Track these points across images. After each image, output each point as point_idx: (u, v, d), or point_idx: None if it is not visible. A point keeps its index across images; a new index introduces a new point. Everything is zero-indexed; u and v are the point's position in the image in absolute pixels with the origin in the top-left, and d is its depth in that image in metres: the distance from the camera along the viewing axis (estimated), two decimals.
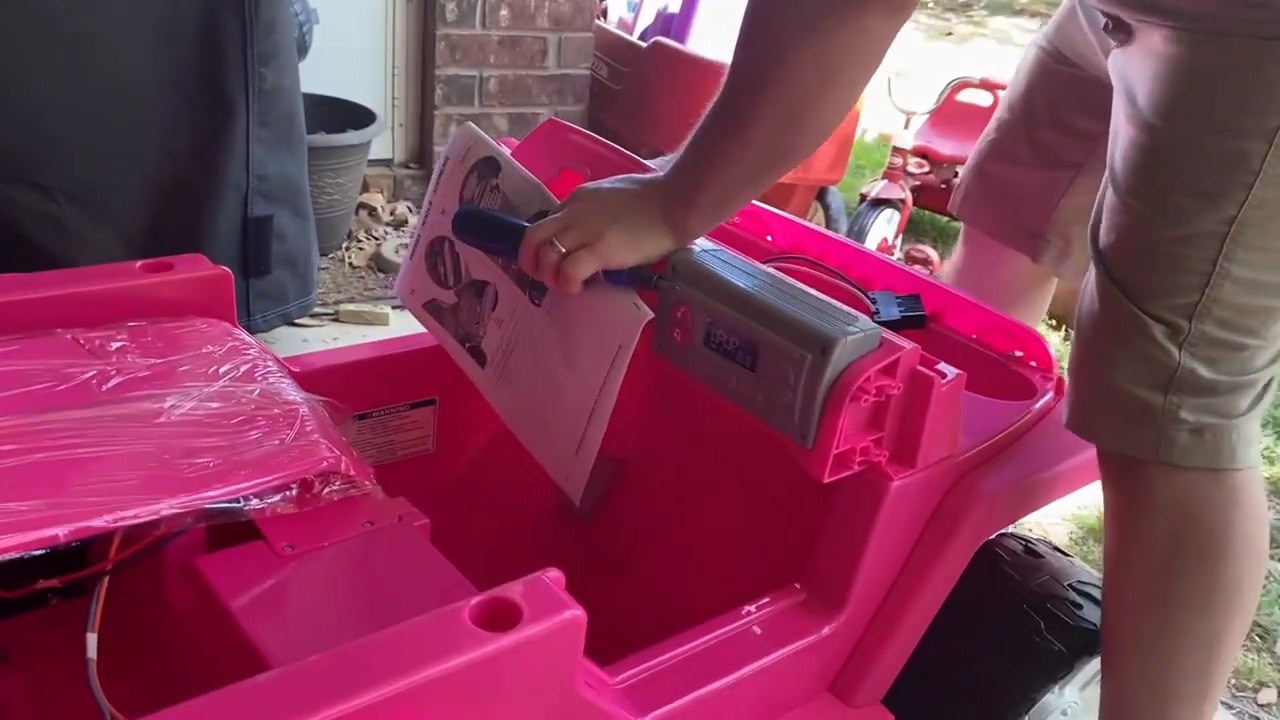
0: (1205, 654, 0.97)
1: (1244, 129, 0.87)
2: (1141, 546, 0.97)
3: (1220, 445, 0.92)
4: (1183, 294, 0.91)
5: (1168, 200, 0.91)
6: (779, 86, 0.88)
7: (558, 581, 0.78)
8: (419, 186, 2.92)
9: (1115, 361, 0.95)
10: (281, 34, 1.64)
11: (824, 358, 0.89)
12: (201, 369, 1.04)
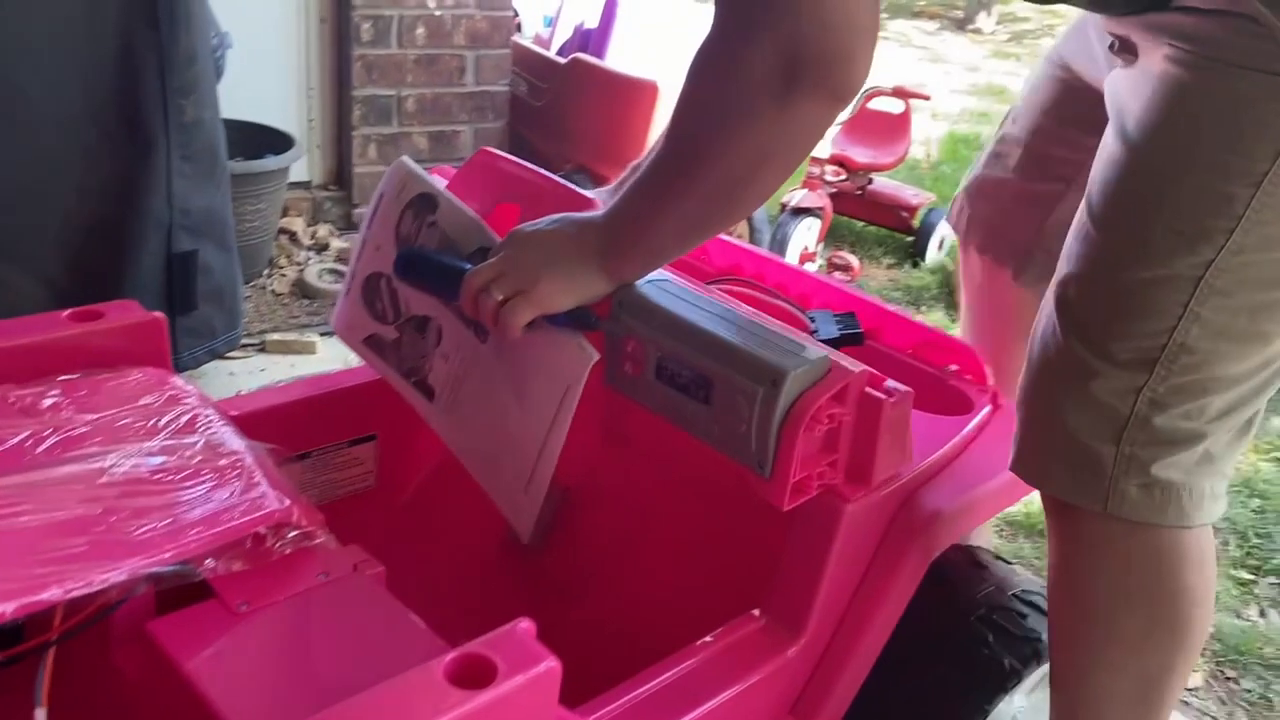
0: (1144, 690, 0.98)
1: (1232, 168, 0.84)
2: (1080, 585, 0.98)
3: (1168, 502, 0.91)
4: (1148, 337, 0.88)
5: (1145, 237, 0.88)
6: (716, 162, 0.87)
7: (529, 632, 0.77)
8: (339, 209, 2.87)
9: (1066, 407, 0.93)
10: (201, 65, 1.60)
11: (775, 390, 0.90)
12: (141, 422, 1.01)
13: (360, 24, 2.68)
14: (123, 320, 1.13)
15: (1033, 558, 1.93)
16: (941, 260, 3.29)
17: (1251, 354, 0.89)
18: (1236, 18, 0.82)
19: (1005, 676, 1.10)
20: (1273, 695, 1.66)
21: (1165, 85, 0.88)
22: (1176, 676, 0.99)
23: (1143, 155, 0.89)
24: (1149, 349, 0.88)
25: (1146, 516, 0.92)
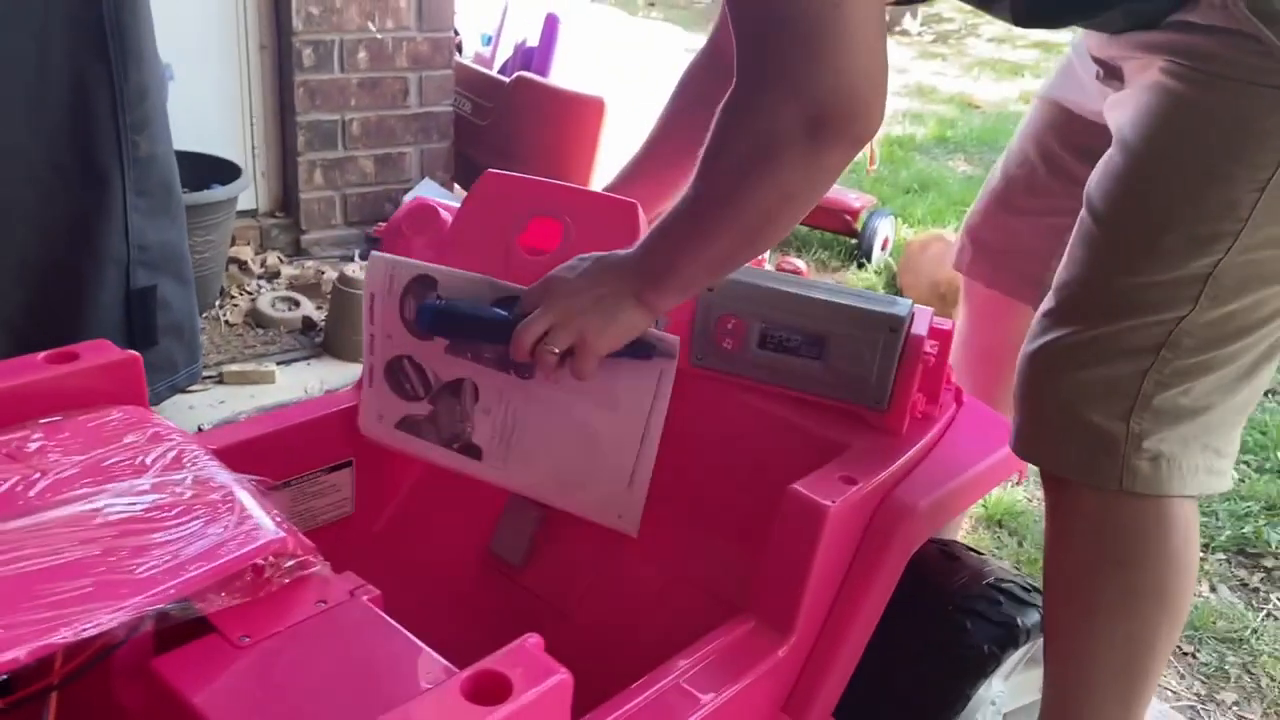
0: (1126, 656, 1.03)
1: (1237, 177, 0.90)
2: (1066, 553, 1.04)
3: (1172, 474, 0.97)
4: (1156, 327, 0.94)
5: (1157, 243, 0.94)
6: (745, 206, 0.92)
7: (539, 646, 0.80)
8: (287, 235, 2.86)
9: (1077, 393, 0.98)
10: (153, 100, 1.59)
11: (894, 335, 1.10)
12: (128, 461, 1.01)
13: (301, 50, 2.67)
14: (98, 360, 1.13)
15: (993, 547, 1.98)
16: (885, 260, 3.36)
17: (1247, 337, 0.95)
18: (1235, 35, 0.87)
19: (985, 662, 1.14)
20: (1228, 666, 1.73)
21: (1164, 97, 0.93)
22: (1159, 650, 1.04)
23: (1148, 165, 0.94)
24: (1156, 335, 0.94)
25: (1152, 488, 0.98)
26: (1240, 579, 1.96)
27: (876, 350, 1.11)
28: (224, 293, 2.53)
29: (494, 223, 1.25)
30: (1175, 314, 0.94)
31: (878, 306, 1.13)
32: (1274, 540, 2.05)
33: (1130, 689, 1.05)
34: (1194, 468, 0.99)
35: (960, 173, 4.59)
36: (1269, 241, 0.91)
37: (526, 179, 1.31)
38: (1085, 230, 1.00)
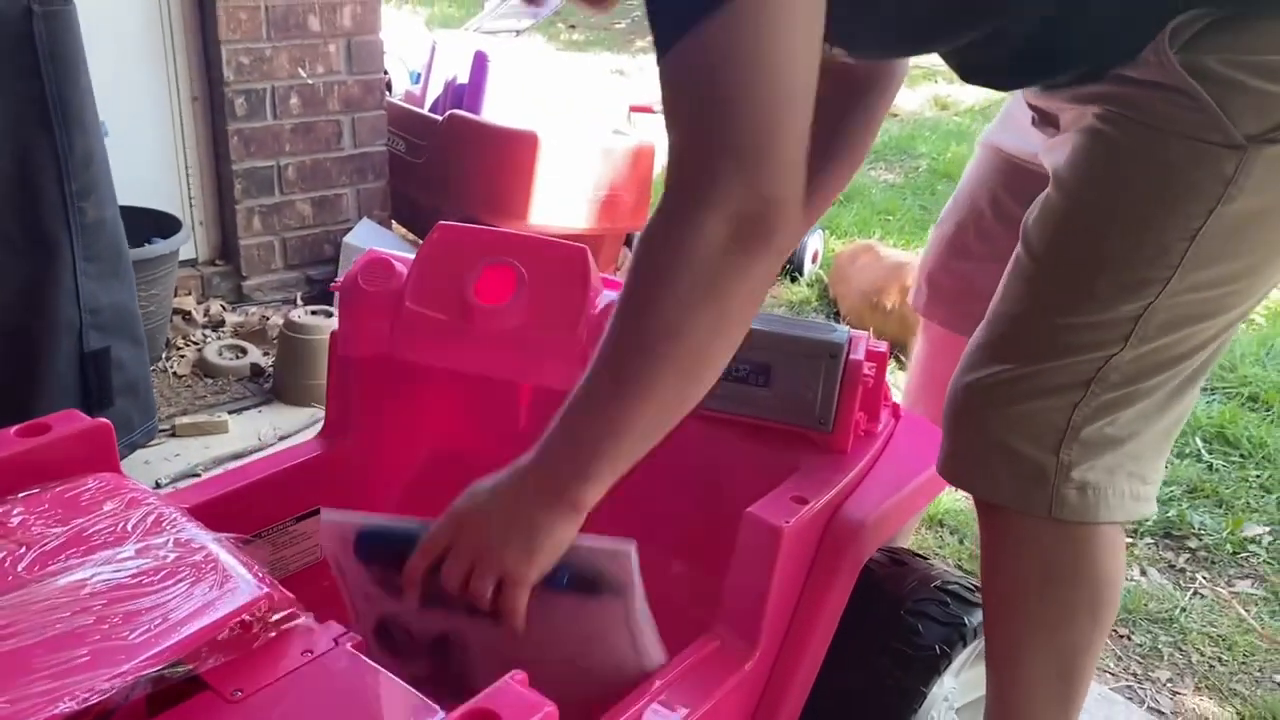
0: (1062, 664, 1.10)
1: (1170, 226, 0.93)
2: (1010, 575, 1.09)
3: (1099, 503, 1.02)
4: (1086, 364, 0.98)
5: (1090, 287, 0.96)
6: (676, 339, 0.86)
7: (523, 682, 0.85)
8: (228, 283, 2.87)
9: (1009, 425, 1.01)
10: (98, 165, 1.61)
11: (835, 360, 1.18)
12: (109, 529, 1.04)
13: (233, 99, 2.69)
14: (69, 430, 1.16)
15: (936, 546, 2.07)
16: (816, 273, 3.46)
17: (1168, 371, 1.00)
18: (1169, 90, 0.91)
19: (937, 660, 1.21)
20: (1161, 645, 1.83)
21: (1099, 141, 0.96)
22: (1093, 652, 1.11)
23: (1084, 209, 0.98)
24: (1086, 372, 0.98)
25: (1080, 516, 1.02)
26: (1168, 561, 2.07)
27: (819, 376, 1.19)
28: (170, 344, 2.54)
29: (448, 273, 1.30)
30: (1106, 353, 0.97)
31: (818, 334, 1.20)
32: (1196, 522, 2.17)
33: (1066, 691, 1.12)
34: (1120, 495, 1.03)
35: (883, 181, 4.72)
36: (1195, 286, 0.95)
37: (478, 229, 1.36)
38: (1022, 267, 1.03)
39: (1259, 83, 0.88)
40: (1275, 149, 0.90)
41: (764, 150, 0.82)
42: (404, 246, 3.04)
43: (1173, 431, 1.07)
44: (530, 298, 1.27)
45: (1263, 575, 2.03)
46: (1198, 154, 0.91)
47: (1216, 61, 0.89)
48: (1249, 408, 2.67)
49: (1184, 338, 0.98)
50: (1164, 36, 0.89)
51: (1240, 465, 2.40)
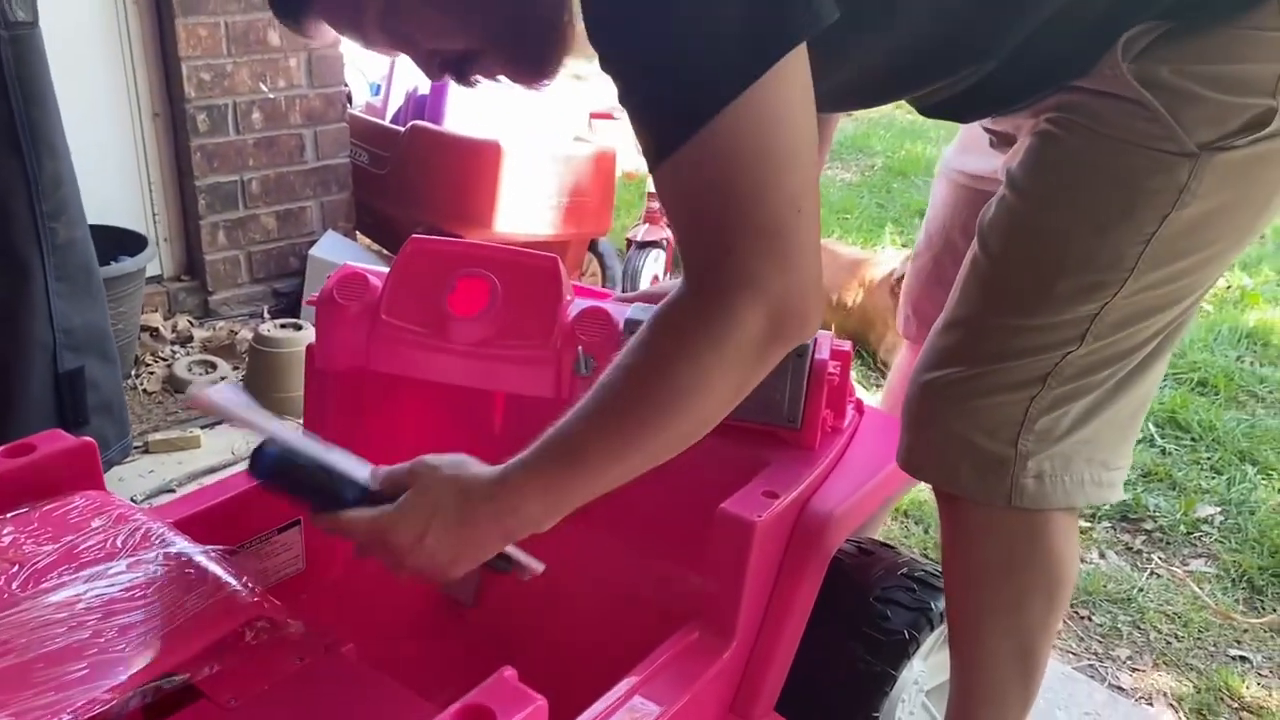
0: (1022, 645, 1.15)
1: (1125, 231, 0.96)
2: (970, 561, 1.13)
3: (1055, 490, 1.06)
4: (1043, 362, 1.01)
5: (1049, 289, 0.99)
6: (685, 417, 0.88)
7: (514, 677, 0.88)
8: (194, 298, 2.87)
9: (970, 419, 1.04)
10: (68, 187, 1.63)
11: (801, 360, 1.22)
12: (99, 545, 1.06)
13: (195, 115, 2.69)
14: (54, 449, 1.18)
15: (902, 535, 2.13)
16: None
17: (1118, 364, 1.04)
18: (1123, 100, 0.94)
19: (905, 644, 1.26)
20: (1120, 625, 1.90)
21: (1052, 143, 0.98)
22: (1050, 632, 1.16)
23: (1041, 212, 1.00)
24: (1044, 368, 1.02)
25: (1038, 504, 1.06)
26: (1125, 543, 2.14)
27: (786, 375, 1.22)
28: (139, 361, 2.54)
29: (422, 286, 1.33)
30: (1063, 351, 1.01)
31: None
32: (1151, 505, 2.24)
33: (1026, 669, 1.17)
34: (1078, 482, 1.06)
35: (840, 180, 4.79)
36: (1148, 285, 0.98)
37: (450, 241, 1.40)
38: (980, 268, 1.05)
39: (1210, 92, 0.91)
40: (1226, 155, 0.93)
41: (790, 237, 0.82)
42: (370, 257, 3.06)
43: (1135, 417, 1.11)
44: (504, 308, 1.30)
45: (1215, 554, 2.11)
46: (1153, 162, 0.93)
47: (1168, 72, 0.92)
48: (1199, 392, 2.76)
49: (1134, 332, 1.02)
50: (1116, 49, 0.93)
51: (1191, 448, 2.48)
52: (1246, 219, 0.99)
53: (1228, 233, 0.99)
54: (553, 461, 0.91)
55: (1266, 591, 2.00)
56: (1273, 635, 1.89)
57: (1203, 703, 1.71)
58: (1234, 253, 1.03)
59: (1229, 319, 3.22)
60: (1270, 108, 0.91)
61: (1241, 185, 0.96)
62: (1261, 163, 0.94)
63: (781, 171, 0.81)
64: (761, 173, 0.81)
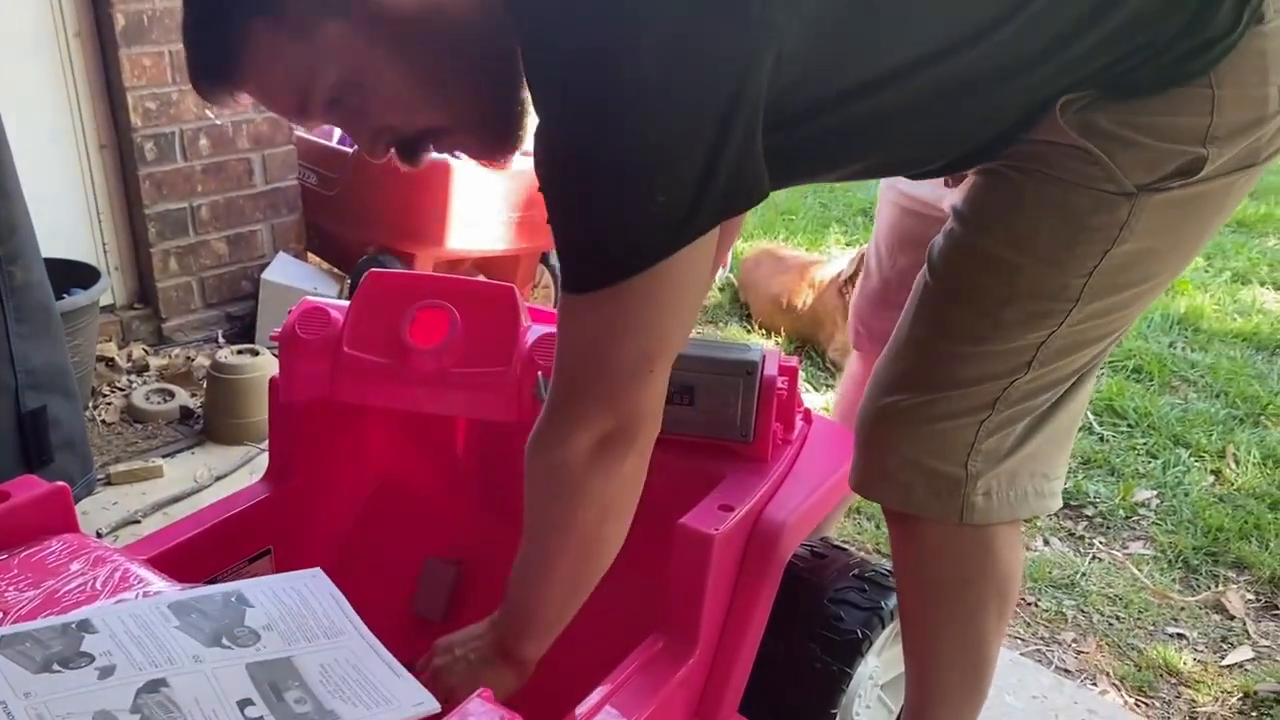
0: (973, 654, 1.21)
1: (1070, 264, 1.02)
2: (915, 576, 1.20)
3: (1003, 505, 1.12)
4: (992, 390, 1.07)
5: (998, 318, 1.05)
6: (566, 533, 1.03)
7: (489, 697, 0.93)
8: (147, 326, 2.88)
9: (921, 444, 1.10)
10: (23, 230, 1.64)
11: (751, 377, 1.30)
12: (80, 588, 1.09)
13: (142, 144, 2.70)
14: (29, 495, 1.21)
15: (855, 532, 2.20)
16: (727, 276, 3.58)
17: (1058, 386, 1.11)
18: (1066, 148, 0.99)
19: (859, 642, 1.33)
20: (1065, 609, 1.99)
21: (1002, 182, 1.04)
22: (998, 638, 1.23)
23: (990, 246, 1.05)
24: (992, 394, 1.08)
25: (988, 519, 1.12)
26: (1068, 529, 2.24)
27: (738, 392, 1.30)
28: (95, 393, 2.55)
29: (382, 319, 1.37)
30: (1010, 378, 1.07)
31: (735, 355, 1.31)
32: (1092, 491, 2.34)
33: (977, 675, 1.24)
34: (1023, 495, 1.13)
35: None
36: (1090, 315, 1.04)
37: (408, 274, 1.44)
38: (931, 297, 1.10)
39: (1145, 139, 0.97)
40: (1161, 196, 0.99)
41: (638, 389, 0.96)
42: (322, 277, 3.08)
43: (1071, 428, 1.17)
44: (464, 337, 1.35)
45: (1152, 536, 2.21)
46: (1095, 201, 1.00)
47: (1106, 120, 0.98)
48: (1134, 379, 2.87)
49: (1075, 359, 1.09)
50: (1055, 110, 0.99)
51: (1128, 435, 2.59)
52: (1181, 254, 1.07)
53: (1165, 267, 1.06)
54: (510, 591, 1.10)
55: (1201, 570, 2.10)
56: (1207, 612, 1.99)
57: (1143, 680, 1.80)
58: (1165, 286, 1.10)
59: (1161, 306, 3.34)
60: (1200, 155, 0.97)
61: (1176, 224, 1.02)
62: (1194, 203, 1.01)
63: (655, 342, 0.94)
64: (635, 340, 0.94)
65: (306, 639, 1.05)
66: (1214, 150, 0.97)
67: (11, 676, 0.88)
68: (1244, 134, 0.98)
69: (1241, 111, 0.97)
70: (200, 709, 0.89)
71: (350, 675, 1.01)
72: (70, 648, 0.93)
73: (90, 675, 0.90)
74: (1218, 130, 0.97)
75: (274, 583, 1.13)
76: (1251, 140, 0.98)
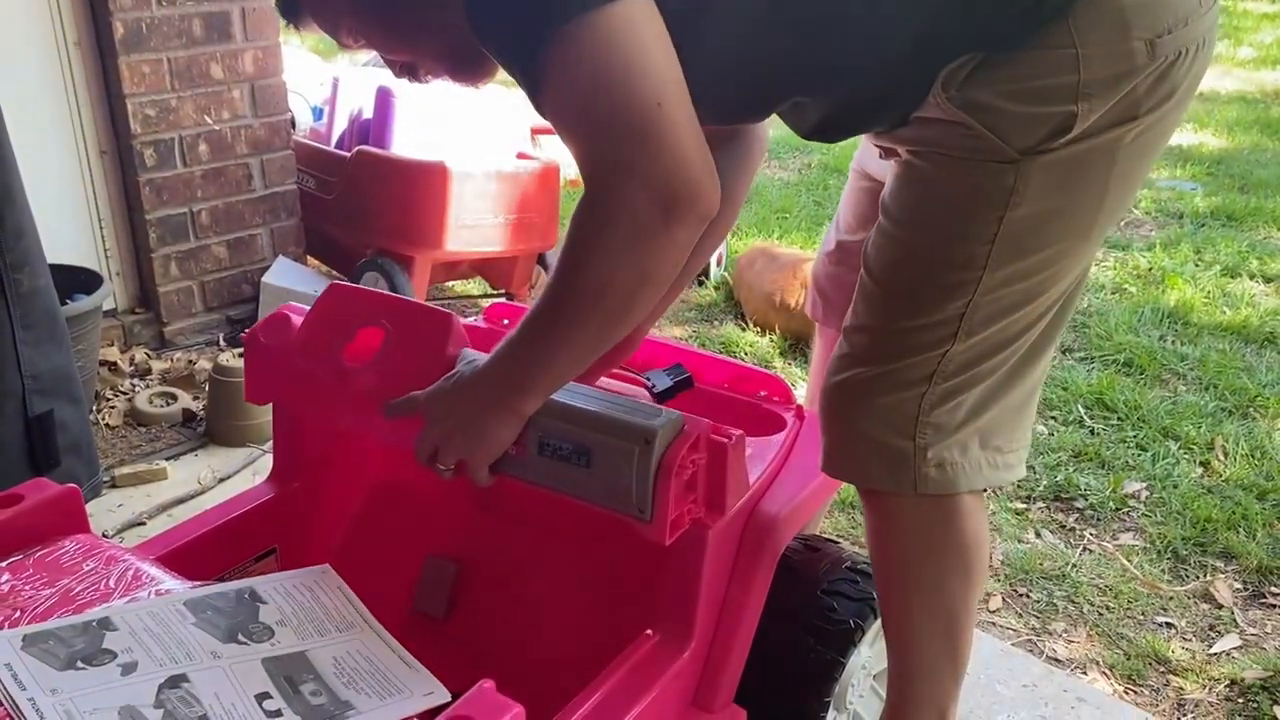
0: (945, 622, 1.26)
1: (971, 234, 1.09)
2: (891, 549, 1.24)
3: (957, 475, 1.18)
4: (926, 363, 1.14)
5: (917, 294, 1.13)
6: (606, 294, 1.01)
7: (492, 688, 0.96)
8: (149, 330, 2.91)
9: (870, 419, 1.17)
10: (29, 238, 1.67)
11: (648, 446, 1.11)
12: (94, 586, 1.13)
13: (142, 150, 2.73)
14: (41, 497, 1.24)
15: (849, 526, 2.24)
16: (722, 275, 3.62)
17: (1001, 353, 1.16)
18: (953, 125, 1.08)
19: (851, 633, 1.37)
20: (1056, 600, 2.02)
21: (911, 173, 1.14)
22: (970, 608, 1.27)
23: (906, 231, 1.14)
24: (928, 367, 1.14)
25: (943, 489, 1.18)
26: (1059, 522, 2.27)
27: (633, 462, 1.11)
28: (99, 396, 2.58)
29: (328, 333, 1.35)
30: (941, 349, 1.13)
31: (636, 418, 1.13)
32: (1082, 484, 2.38)
33: (952, 646, 1.27)
34: (977, 466, 1.18)
35: (778, 179, 4.91)
36: (1006, 280, 1.12)
37: (363, 290, 1.41)
38: (865, 286, 1.19)
39: (1022, 107, 1.05)
40: (1046, 158, 1.06)
41: (657, 132, 0.95)
42: (321, 281, 3.11)
43: (1027, 404, 1.23)
44: (393, 359, 1.30)
45: (1142, 527, 2.24)
46: (986, 171, 1.08)
47: (986, 94, 1.05)
48: (1124, 373, 2.91)
49: (1007, 325, 1.14)
50: (937, 84, 1.07)
51: (1119, 428, 2.62)
52: (1083, 218, 1.12)
53: (1068, 232, 1.12)
54: (514, 344, 1.09)
55: (1190, 560, 2.14)
56: (1195, 601, 2.02)
57: (1133, 669, 1.83)
58: (1082, 249, 1.15)
59: (1151, 299, 3.38)
60: (1071, 112, 1.04)
61: (1068, 183, 1.09)
62: (1081, 161, 1.08)
63: (635, 81, 0.95)
64: (617, 83, 0.95)
65: (319, 633, 1.08)
66: (1084, 106, 1.04)
67: (38, 674, 0.91)
68: (1114, 88, 1.04)
69: (1107, 67, 1.03)
70: (220, 703, 0.92)
71: (363, 667, 1.04)
72: (92, 645, 0.97)
73: (113, 672, 0.93)
74: (1088, 87, 1.03)
75: (285, 579, 1.16)
76: (1124, 94, 1.04)
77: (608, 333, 1.06)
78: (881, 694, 1.49)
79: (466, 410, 1.13)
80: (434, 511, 1.59)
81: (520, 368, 1.09)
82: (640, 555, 1.36)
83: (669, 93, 0.96)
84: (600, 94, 0.96)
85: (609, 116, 0.96)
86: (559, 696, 1.17)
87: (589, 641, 1.37)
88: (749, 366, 1.57)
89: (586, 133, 0.99)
